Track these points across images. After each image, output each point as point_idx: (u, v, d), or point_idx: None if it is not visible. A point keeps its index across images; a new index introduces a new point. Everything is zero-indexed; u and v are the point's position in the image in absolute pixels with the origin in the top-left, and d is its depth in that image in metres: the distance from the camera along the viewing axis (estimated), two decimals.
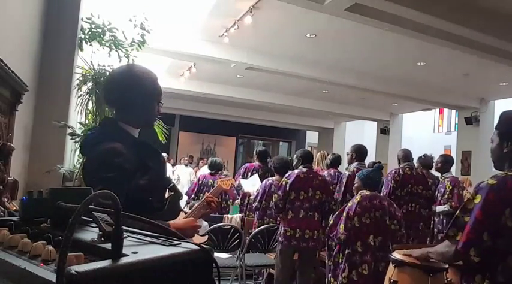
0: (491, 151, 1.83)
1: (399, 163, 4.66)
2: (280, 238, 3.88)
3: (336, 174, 4.94)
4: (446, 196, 4.84)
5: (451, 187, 4.85)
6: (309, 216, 3.85)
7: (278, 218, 4.17)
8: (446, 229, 1.74)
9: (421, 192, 4.42)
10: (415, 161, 5.45)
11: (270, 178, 4.59)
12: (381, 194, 3.84)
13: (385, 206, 3.27)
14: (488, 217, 1.60)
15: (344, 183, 4.34)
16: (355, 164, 4.45)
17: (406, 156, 4.64)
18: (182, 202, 5.56)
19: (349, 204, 3.27)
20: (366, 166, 4.55)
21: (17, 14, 3.04)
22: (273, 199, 4.00)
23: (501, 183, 1.63)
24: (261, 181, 4.79)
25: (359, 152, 4.50)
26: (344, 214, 3.24)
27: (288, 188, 3.85)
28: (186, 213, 1.76)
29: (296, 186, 3.84)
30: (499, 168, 1.80)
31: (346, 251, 3.18)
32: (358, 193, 3.31)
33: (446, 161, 5.18)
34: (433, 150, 6.11)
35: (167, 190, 1.68)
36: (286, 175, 4.01)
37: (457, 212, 1.72)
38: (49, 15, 3.74)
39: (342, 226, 3.21)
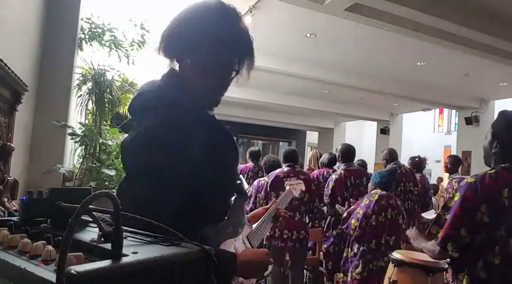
0: (483, 147, 1.87)
1: (386, 163, 4.66)
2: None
3: (328, 174, 4.89)
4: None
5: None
6: (288, 216, 3.77)
7: None
8: (429, 226, 1.79)
9: (412, 189, 4.48)
10: (407, 161, 5.50)
11: (262, 179, 4.57)
12: None
13: (399, 206, 3.33)
14: (465, 213, 1.65)
15: (330, 187, 4.14)
16: (342, 167, 4.29)
17: (392, 155, 4.67)
18: None
19: (365, 201, 3.29)
20: (356, 165, 4.53)
21: (17, 14, 3.05)
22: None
23: (479, 181, 1.67)
24: (254, 180, 4.79)
25: (344, 153, 4.34)
26: (359, 211, 3.26)
27: (268, 188, 3.83)
28: (251, 227, 1.32)
29: (275, 186, 3.79)
30: (487, 164, 1.85)
31: (361, 248, 3.22)
32: (374, 192, 3.33)
33: (455, 161, 5.17)
34: (433, 150, 6.14)
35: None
36: (269, 174, 4.00)
37: (439, 210, 1.78)
38: (49, 15, 3.74)
39: (354, 221, 3.25)
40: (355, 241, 3.30)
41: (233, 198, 1.26)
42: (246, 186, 4.72)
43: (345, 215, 3.44)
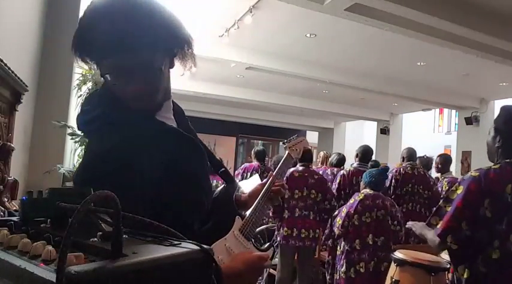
0: (487, 143, 1.87)
1: (403, 161, 4.68)
2: (278, 238, 3.89)
3: (332, 173, 5.06)
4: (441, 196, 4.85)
5: (447, 188, 4.86)
6: (304, 215, 3.85)
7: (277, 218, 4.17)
8: (429, 217, 1.78)
9: (422, 191, 4.44)
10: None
11: None
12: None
13: (387, 206, 3.30)
14: (468, 206, 1.65)
15: (338, 181, 4.39)
16: (355, 164, 4.52)
17: (411, 155, 4.68)
18: None
19: (351, 201, 3.31)
20: (369, 166, 4.59)
21: (17, 14, 3.04)
22: None
23: (483, 175, 1.67)
24: (261, 180, 4.80)
25: (362, 153, 4.58)
26: (344, 210, 3.28)
27: None
28: (243, 218, 1.20)
29: (290, 185, 3.83)
30: (491, 160, 1.85)
31: (346, 248, 3.23)
32: (362, 191, 3.34)
33: (445, 161, 5.18)
34: (433, 150, 6.13)
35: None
36: None
37: (440, 202, 1.77)
38: (49, 15, 3.74)
39: (338, 219, 3.27)
40: (341, 239, 3.33)
41: (218, 190, 1.18)
42: (258, 181, 4.75)
43: (335, 213, 3.46)
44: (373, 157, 6.24)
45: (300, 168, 3.98)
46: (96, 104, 1.03)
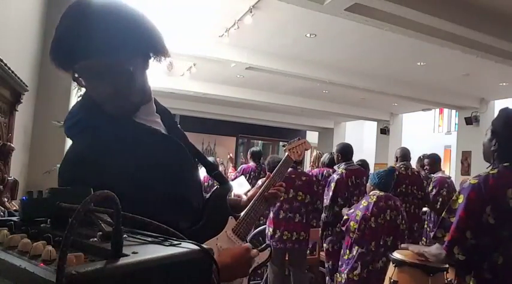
0: (483, 143, 1.87)
1: (396, 161, 4.65)
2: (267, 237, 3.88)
3: (327, 173, 4.86)
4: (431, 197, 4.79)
5: (431, 188, 4.84)
6: (289, 218, 3.78)
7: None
8: (434, 230, 1.77)
9: (416, 192, 4.39)
10: (415, 161, 5.45)
11: (262, 179, 4.55)
12: None
13: (398, 206, 3.31)
14: (470, 215, 1.64)
15: (333, 188, 4.08)
16: (343, 166, 4.25)
17: (404, 155, 4.62)
18: None
19: (364, 204, 3.28)
20: (355, 164, 4.51)
21: (17, 14, 3.04)
22: None
23: (482, 182, 1.66)
24: (257, 180, 4.79)
25: (343, 152, 4.32)
26: (358, 213, 3.24)
27: None
28: (237, 218, 1.20)
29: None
30: (486, 161, 1.85)
31: (360, 250, 3.20)
32: (372, 193, 3.32)
33: (433, 161, 5.15)
34: (433, 150, 6.12)
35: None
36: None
37: (443, 213, 1.76)
38: (49, 15, 3.74)
39: (353, 223, 3.24)
40: (354, 243, 3.27)
41: (209, 194, 1.19)
42: (247, 187, 4.72)
43: (345, 217, 3.42)
44: (373, 158, 6.19)
45: (288, 169, 3.91)
46: (78, 109, 1.07)
